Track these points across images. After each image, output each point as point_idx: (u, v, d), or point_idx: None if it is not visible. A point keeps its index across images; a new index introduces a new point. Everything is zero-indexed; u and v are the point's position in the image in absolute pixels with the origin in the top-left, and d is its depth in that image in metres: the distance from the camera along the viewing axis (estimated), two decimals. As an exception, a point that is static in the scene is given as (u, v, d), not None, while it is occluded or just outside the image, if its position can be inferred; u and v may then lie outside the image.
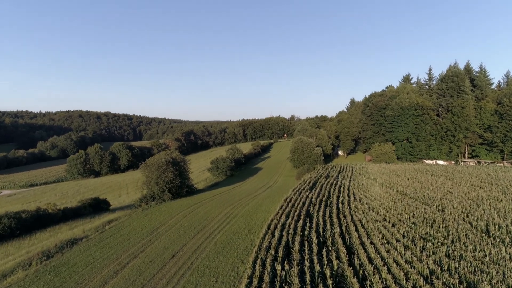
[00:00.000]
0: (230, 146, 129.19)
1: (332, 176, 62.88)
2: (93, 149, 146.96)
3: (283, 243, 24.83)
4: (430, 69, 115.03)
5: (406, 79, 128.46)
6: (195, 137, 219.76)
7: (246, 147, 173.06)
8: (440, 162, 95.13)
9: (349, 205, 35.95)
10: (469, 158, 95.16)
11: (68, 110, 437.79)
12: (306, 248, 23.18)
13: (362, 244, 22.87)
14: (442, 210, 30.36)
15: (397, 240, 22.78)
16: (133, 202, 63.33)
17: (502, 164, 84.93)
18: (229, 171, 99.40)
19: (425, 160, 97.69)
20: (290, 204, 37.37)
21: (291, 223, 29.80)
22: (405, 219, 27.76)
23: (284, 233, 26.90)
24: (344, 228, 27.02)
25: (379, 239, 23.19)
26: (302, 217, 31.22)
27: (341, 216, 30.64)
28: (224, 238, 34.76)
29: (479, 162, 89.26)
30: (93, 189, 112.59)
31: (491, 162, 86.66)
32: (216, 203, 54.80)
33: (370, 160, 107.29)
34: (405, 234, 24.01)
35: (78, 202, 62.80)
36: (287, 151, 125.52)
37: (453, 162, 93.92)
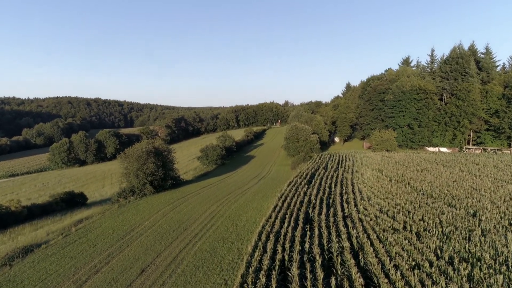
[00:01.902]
0: (221, 133, 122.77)
1: (331, 167, 57.10)
2: (77, 136, 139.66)
3: (277, 263, 19.03)
4: (432, 51, 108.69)
5: (406, 62, 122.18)
6: (186, 124, 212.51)
7: (238, 133, 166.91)
8: (443, 149, 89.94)
9: (356, 205, 30.15)
10: (473, 145, 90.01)
11: (57, 96, 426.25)
12: (308, 273, 17.38)
13: (383, 267, 17.15)
14: (475, 215, 24.69)
15: (430, 263, 17.05)
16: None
17: (509, 151, 79.97)
18: (219, 160, 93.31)
19: (427, 148, 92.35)
20: (285, 204, 31.49)
21: (287, 231, 24.00)
22: (431, 227, 22.03)
23: (279, 247, 21.08)
24: (354, 240, 21.27)
25: (405, 260, 17.46)
26: (300, 222, 25.38)
27: (349, 222, 24.85)
28: (206, 245, 29.01)
29: (484, 150, 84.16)
30: (76, 179, 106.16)
31: (497, 150, 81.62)
32: (202, 198, 49.03)
33: (368, 147, 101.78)
34: (438, 252, 18.32)
35: (50, 197, 56.50)
36: (281, 138, 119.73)
37: (457, 150, 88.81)
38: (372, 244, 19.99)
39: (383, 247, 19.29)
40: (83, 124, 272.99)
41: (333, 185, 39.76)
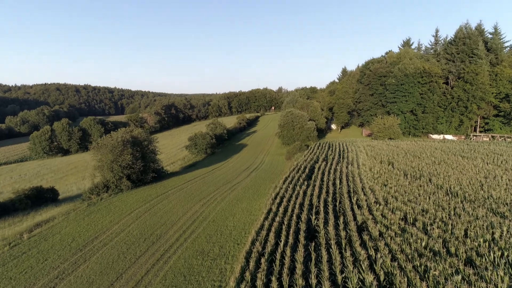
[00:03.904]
0: (211, 120, 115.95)
1: (332, 158, 50.78)
2: (59, 124, 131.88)
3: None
4: (436, 31, 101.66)
5: (407, 44, 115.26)
6: (177, 111, 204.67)
7: (231, 121, 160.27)
8: (449, 137, 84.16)
9: (370, 211, 23.77)
10: (480, 132, 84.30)
11: (45, 83, 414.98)
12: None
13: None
14: (537, 228, 18.65)
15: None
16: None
17: (519, 138, 74.49)
18: (209, 149, 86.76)
19: (431, 135, 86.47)
20: (281, 208, 25.15)
21: (284, 252, 17.76)
22: (485, 250, 15.81)
23: (274, 281, 14.82)
24: (379, 269, 15.12)
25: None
26: (301, 238, 19.13)
27: (366, 237, 18.55)
28: (181, 263, 22.82)
29: (493, 137, 78.58)
30: (56, 170, 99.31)
31: (507, 137, 76.02)
32: (185, 194, 42.75)
33: (368, 135, 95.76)
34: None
35: (13, 194, 49.80)
36: (275, 125, 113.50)
37: (463, 137, 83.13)
38: (409, 282, 13.80)
39: (425, 285, 13.14)
40: (71, 112, 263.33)
41: (337, 182, 33.26)
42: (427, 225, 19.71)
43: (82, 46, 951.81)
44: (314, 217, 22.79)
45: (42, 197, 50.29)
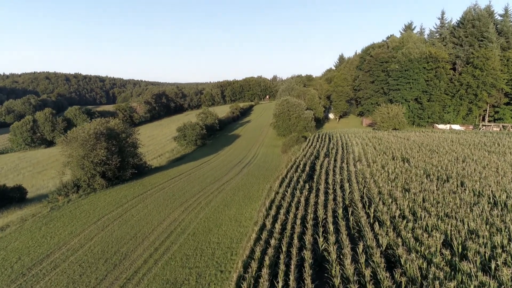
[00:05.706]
0: (202, 110, 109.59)
1: (335, 153, 44.71)
2: (42, 114, 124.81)
3: None
4: (442, 13, 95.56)
5: (409, 28, 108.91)
6: (168, 100, 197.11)
7: (224, 110, 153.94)
8: (456, 127, 78.74)
9: (397, 230, 17.56)
10: (489, 121, 78.86)
11: (34, 72, 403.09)
12: None
13: None
14: None
15: None
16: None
17: (533, 128, 69.21)
18: (199, 140, 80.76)
19: (437, 125, 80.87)
20: (277, 225, 19.21)
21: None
22: None
23: None
24: None
25: None
26: (307, 277, 13.32)
27: (402, 279, 12.79)
28: (143, 302, 17.04)
29: (504, 127, 73.20)
30: (35, 163, 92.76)
31: (519, 127, 70.78)
32: (165, 196, 36.92)
33: (369, 125, 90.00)
34: None
35: (-30, 194, 43.58)
36: (269, 114, 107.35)
37: (471, 127, 77.72)
38: None
39: None
40: (59, 101, 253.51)
41: (346, 184, 26.97)
42: (486, 258, 13.96)
43: (72, 34, 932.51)
44: (321, 239, 16.97)
45: (6, 197, 44.13)
